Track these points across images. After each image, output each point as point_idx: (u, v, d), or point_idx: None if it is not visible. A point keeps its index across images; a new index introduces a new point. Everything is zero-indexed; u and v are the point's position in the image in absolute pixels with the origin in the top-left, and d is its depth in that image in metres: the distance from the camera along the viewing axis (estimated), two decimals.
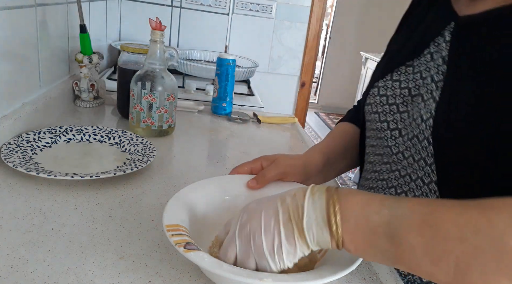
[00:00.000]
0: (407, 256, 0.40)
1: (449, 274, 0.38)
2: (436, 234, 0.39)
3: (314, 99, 5.42)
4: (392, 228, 0.41)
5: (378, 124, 0.65)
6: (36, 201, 0.64)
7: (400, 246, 0.40)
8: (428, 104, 0.55)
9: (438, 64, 0.56)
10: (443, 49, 0.56)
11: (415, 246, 0.39)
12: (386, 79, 0.65)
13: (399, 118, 0.61)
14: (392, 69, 0.64)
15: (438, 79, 0.55)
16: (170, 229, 0.49)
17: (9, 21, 0.80)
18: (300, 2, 1.97)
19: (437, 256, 0.38)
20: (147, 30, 0.93)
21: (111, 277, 0.50)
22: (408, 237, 0.40)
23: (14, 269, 0.49)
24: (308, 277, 0.45)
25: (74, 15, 1.11)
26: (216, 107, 1.23)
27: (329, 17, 5.26)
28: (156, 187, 0.75)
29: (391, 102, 0.63)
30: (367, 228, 0.42)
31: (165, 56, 0.96)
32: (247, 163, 0.67)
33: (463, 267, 0.37)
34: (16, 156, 0.73)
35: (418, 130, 0.56)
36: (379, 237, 0.41)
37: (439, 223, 0.39)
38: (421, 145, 0.56)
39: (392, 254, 0.41)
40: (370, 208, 0.43)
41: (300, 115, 2.15)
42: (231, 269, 0.44)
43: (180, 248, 0.46)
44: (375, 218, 0.42)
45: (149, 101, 0.94)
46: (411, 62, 0.61)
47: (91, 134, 0.90)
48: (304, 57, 2.07)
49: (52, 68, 1.05)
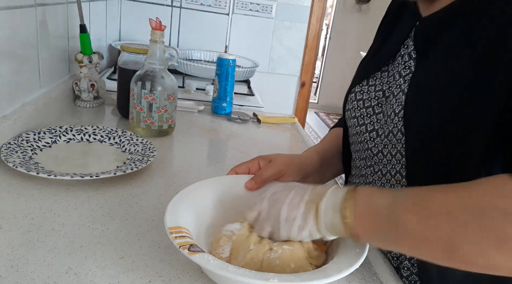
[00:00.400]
0: (404, 236, 0.44)
1: (443, 249, 0.41)
2: (426, 212, 0.42)
3: (314, 99, 5.41)
4: (392, 210, 0.45)
5: (358, 128, 0.67)
6: (36, 201, 0.64)
7: (398, 227, 0.44)
8: (398, 98, 0.59)
9: (405, 60, 0.61)
10: (410, 47, 0.61)
11: (409, 225, 0.43)
12: (362, 85, 0.69)
13: (375, 119, 0.64)
14: (368, 75, 0.68)
15: (405, 74, 0.60)
16: (173, 231, 0.49)
17: (9, 21, 0.80)
18: (300, 2, 1.97)
19: (429, 233, 0.42)
20: (147, 30, 0.93)
21: (111, 277, 0.50)
22: (403, 217, 0.44)
23: (14, 269, 0.49)
24: (313, 276, 0.46)
25: (74, 15, 1.11)
26: (216, 107, 1.23)
27: (329, 17, 5.26)
28: (156, 187, 0.75)
29: (367, 105, 0.66)
30: (373, 211, 0.46)
31: (165, 56, 0.96)
32: (245, 163, 0.68)
33: (453, 241, 0.40)
34: (16, 156, 0.73)
35: (392, 125, 0.59)
36: (382, 219, 0.45)
37: (429, 202, 0.43)
38: (396, 138, 0.58)
39: (392, 236, 0.45)
40: (378, 194, 0.48)
41: (300, 115, 2.15)
42: (236, 271, 0.45)
43: (184, 251, 0.46)
44: (380, 202, 0.46)
45: (149, 101, 0.94)
46: (386, 68, 0.65)
47: (91, 134, 0.90)
48: (304, 57, 2.07)
49: (52, 68, 1.05)
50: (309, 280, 0.45)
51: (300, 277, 0.45)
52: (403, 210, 0.44)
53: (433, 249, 0.42)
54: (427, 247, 0.43)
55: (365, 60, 0.75)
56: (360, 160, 0.68)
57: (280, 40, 2.02)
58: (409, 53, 0.61)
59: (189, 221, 0.54)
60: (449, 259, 0.42)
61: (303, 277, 0.46)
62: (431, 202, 0.43)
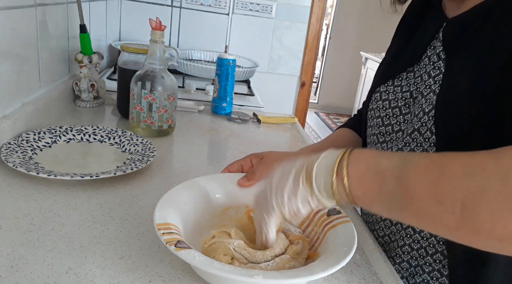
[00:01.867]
0: (413, 197, 0.40)
1: (455, 213, 0.37)
2: (442, 173, 0.38)
3: (314, 99, 5.41)
4: (400, 169, 0.41)
5: (382, 129, 0.66)
6: (36, 201, 0.64)
7: (407, 187, 0.40)
8: (428, 98, 0.58)
9: (434, 61, 0.61)
10: (437, 48, 0.61)
11: (422, 185, 0.39)
12: (387, 85, 0.68)
13: (402, 120, 0.63)
14: (394, 75, 0.67)
15: (435, 74, 0.59)
16: (161, 228, 0.49)
17: (9, 21, 0.80)
18: (300, 2, 1.97)
19: (442, 195, 0.38)
20: (147, 30, 0.93)
21: (111, 277, 0.50)
22: (415, 177, 0.40)
23: (14, 269, 0.49)
24: (297, 273, 0.46)
25: (74, 15, 1.11)
26: (216, 107, 1.23)
27: (329, 17, 5.26)
28: (156, 187, 0.75)
29: (393, 105, 0.65)
30: (376, 171, 0.42)
31: (165, 56, 0.96)
32: (238, 161, 0.69)
33: (469, 205, 0.36)
34: (16, 156, 0.73)
35: (419, 124, 0.58)
36: (387, 178, 0.41)
37: (446, 164, 0.39)
38: (423, 137, 0.57)
39: (399, 197, 0.41)
40: (382, 155, 0.44)
41: (300, 115, 2.15)
42: (221, 267, 0.44)
43: (171, 247, 0.46)
44: (385, 162, 0.42)
45: (149, 101, 0.94)
46: (412, 68, 0.65)
47: (91, 134, 0.90)
48: (304, 57, 2.07)
49: (52, 68, 1.05)
50: (293, 277, 0.45)
51: (284, 274, 0.45)
52: (413, 171, 0.40)
53: (444, 216, 0.38)
54: (437, 213, 0.38)
55: (385, 60, 0.74)
56: None
57: (280, 40, 2.02)
58: (438, 54, 0.60)
59: (179, 218, 0.54)
60: (459, 229, 0.37)
61: (288, 274, 0.46)
62: (448, 163, 0.39)
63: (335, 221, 0.58)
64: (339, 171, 0.43)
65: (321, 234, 0.58)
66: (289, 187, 0.46)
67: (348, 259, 0.48)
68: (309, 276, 0.45)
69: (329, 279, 0.56)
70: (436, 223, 0.39)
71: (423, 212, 0.39)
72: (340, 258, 0.48)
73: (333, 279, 0.56)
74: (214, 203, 0.62)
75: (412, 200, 0.40)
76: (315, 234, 0.59)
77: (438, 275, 0.59)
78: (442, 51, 0.60)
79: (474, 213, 0.36)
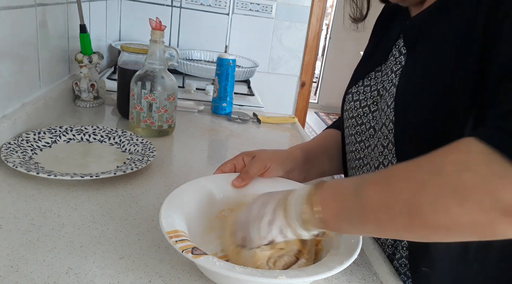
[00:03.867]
0: (368, 211, 0.44)
1: (405, 218, 0.41)
2: (388, 181, 0.43)
3: (314, 99, 5.41)
4: (357, 188, 0.45)
5: (358, 128, 0.69)
6: (36, 201, 0.64)
7: (362, 201, 0.44)
8: (390, 92, 0.61)
9: (396, 57, 0.64)
10: (399, 44, 0.64)
11: (372, 197, 0.43)
12: (358, 85, 0.71)
13: (371, 117, 0.66)
14: (363, 76, 0.71)
15: (397, 69, 0.62)
16: (172, 235, 0.48)
17: (9, 21, 0.80)
18: (300, 2, 1.97)
19: (391, 200, 0.42)
20: (147, 30, 0.93)
21: (111, 277, 0.50)
22: (367, 191, 0.44)
23: (14, 269, 0.49)
24: (317, 270, 0.47)
25: (74, 15, 1.11)
26: (216, 107, 1.23)
27: (329, 17, 5.26)
28: (156, 187, 0.75)
29: (363, 104, 0.68)
30: (340, 192, 0.47)
31: (165, 56, 0.96)
32: (230, 161, 0.69)
33: (414, 202, 0.40)
34: (16, 156, 0.73)
35: (385, 118, 0.61)
36: (348, 198, 0.46)
37: (391, 174, 0.44)
38: (387, 129, 0.60)
39: (358, 212, 0.45)
40: (347, 179, 0.48)
41: (300, 115, 2.15)
42: (244, 271, 0.45)
43: (188, 254, 0.45)
44: (347, 184, 0.48)
45: (149, 101, 0.94)
46: (380, 68, 0.68)
47: (91, 134, 0.90)
48: (304, 57, 2.07)
49: (52, 68, 1.05)
50: (315, 274, 0.46)
51: (305, 272, 0.46)
52: (367, 185, 0.45)
53: (396, 218, 0.42)
54: (390, 217, 0.42)
55: (358, 64, 0.77)
56: (356, 160, 0.70)
57: (280, 40, 2.02)
58: (399, 49, 0.64)
59: (184, 223, 0.54)
60: (412, 227, 0.41)
61: (308, 271, 0.47)
62: (393, 171, 0.44)
63: None
64: (309, 200, 0.47)
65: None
66: (268, 218, 0.49)
67: (359, 249, 0.50)
68: (327, 271, 0.46)
69: (329, 279, 0.56)
70: (393, 227, 0.43)
71: (380, 220, 0.43)
72: (352, 250, 0.50)
73: (333, 279, 0.56)
74: (214, 204, 0.62)
75: (367, 212, 0.44)
76: None
77: (405, 262, 0.60)
78: (403, 47, 0.62)
79: (420, 210, 0.39)
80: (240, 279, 0.46)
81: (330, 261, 0.49)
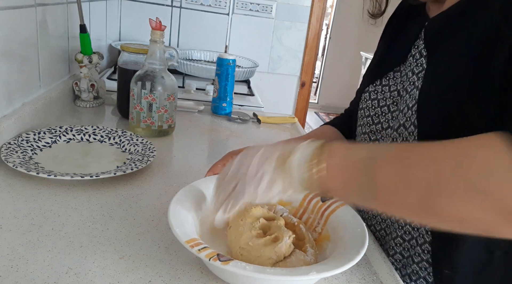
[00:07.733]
0: (380, 191, 0.43)
1: (418, 202, 0.40)
2: (406, 162, 0.42)
3: (314, 99, 5.41)
4: (370, 161, 0.44)
5: (373, 127, 0.69)
6: (36, 201, 0.64)
7: (373, 178, 0.43)
8: (412, 94, 0.60)
9: (417, 58, 0.63)
10: (420, 46, 0.63)
11: (386, 176, 0.42)
12: (376, 84, 0.70)
13: (390, 117, 0.66)
14: (381, 75, 0.70)
15: (418, 71, 0.61)
16: (192, 244, 0.48)
17: (9, 21, 0.80)
18: (300, 2, 1.97)
19: (405, 187, 0.41)
20: (147, 30, 0.93)
21: (111, 277, 0.50)
22: (380, 168, 0.43)
23: (14, 269, 0.49)
24: (340, 263, 0.48)
25: (74, 15, 1.11)
26: (216, 107, 1.23)
27: (329, 17, 5.26)
28: (156, 187, 0.75)
29: (382, 104, 0.68)
30: (349, 163, 0.45)
31: (165, 56, 0.96)
32: (219, 161, 0.70)
33: (432, 191, 0.39)
34: (16, 156, 0.73)
35: (404, 119, 0.60)
36: (358, 170, 0.44)
37: (411, 153, 0.42)
38: (407, 131, 0.59)
39: (367, 188, 0.44)
40: (356, 147, 0.47)
41: (300, 115, 2.15)
42: (275, 271, 0.46)
43: (216, 262, 0.45)
44: (357, 154, 0.45)
45: (149, 101, 0.94)
46: (398, 68, 0.67)
47: (91, 134, 0.90)
48: (304, 57, 2.07)
49: (52, 68, 1.05)
50: (340, 266, 0.47)
51: (332, 265, 0.48)
52: (381, 162, 0.43)
53: (409, 206, 0.41)
54: (401, 202, 0.42)
55: (373, 61, 0.77)
56: None
57: (280, 40, 2.02)
58: (420, 51, 0.63)
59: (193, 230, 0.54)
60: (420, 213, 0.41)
61: (335, 264, 0.48)
62: (413, 152, 0.42)
63: (333, 206, 0.62)
64: (317, 163, 0.46)
65: (320, 220, 0.62)
66: (268, 178, 0.48)
67: (367, 237, 0.53)
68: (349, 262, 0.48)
69: (329, 279, 0.56)
70: (402, 211, 0.43)
71: (388, 203, 0.43)
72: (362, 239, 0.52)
73: (333, 279, 0.56)
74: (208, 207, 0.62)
75: (378, 190, 0.43)
76: (313, 220, 0.63)
77: (426, 265, 0.60)
78: (424, 49, 0.62)
79: (437, 198, 0.39)
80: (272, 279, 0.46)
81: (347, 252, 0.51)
